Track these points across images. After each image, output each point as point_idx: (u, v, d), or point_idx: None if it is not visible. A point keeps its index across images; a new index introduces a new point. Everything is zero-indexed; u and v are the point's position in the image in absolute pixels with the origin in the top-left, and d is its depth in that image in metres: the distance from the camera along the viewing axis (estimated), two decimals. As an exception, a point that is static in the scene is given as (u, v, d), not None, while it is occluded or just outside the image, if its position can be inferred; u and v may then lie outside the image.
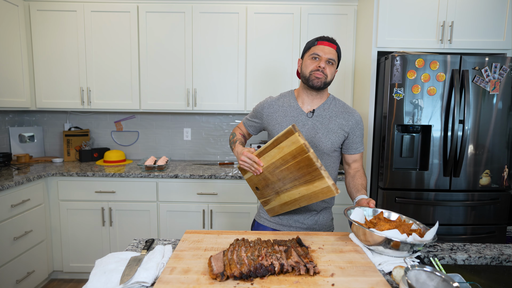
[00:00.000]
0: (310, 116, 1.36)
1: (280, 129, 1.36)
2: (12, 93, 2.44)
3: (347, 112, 1.38)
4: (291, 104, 1.40)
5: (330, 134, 1.34)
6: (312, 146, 1.33)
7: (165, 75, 2.61)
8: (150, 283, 0.83)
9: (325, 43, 1.31)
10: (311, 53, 1.32)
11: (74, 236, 2.43)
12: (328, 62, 1.30)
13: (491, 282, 0.88)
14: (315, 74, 1.29)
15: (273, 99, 1.44)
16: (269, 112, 1.41)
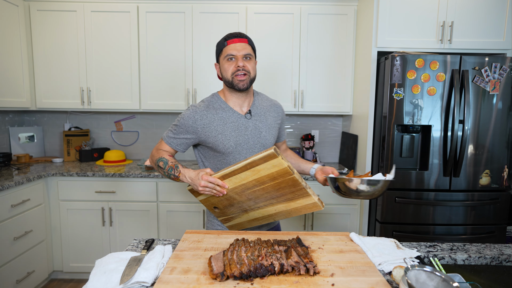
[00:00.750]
0: (249, 117, 1.32)
1: (223, 139, 1.27)
2: (12, 93, 2.45)
3: (273, 104, 1.44)
4: (224, 109, 1.31)
5: (271, 130, 1.37)
6: (260, 145, 1.32)
7: (165, 75, 2.61)
8: (150, 283, 0.83)
9: (235, 40, 1.25)
10: (224, 55, 1.26)
11: (74, 236, 2.43)
12: (245, 58, 1.25)
13: (491, 282, 0.88)
14: (238, 78, 1.24)
15: (202, 109, 1.30)
16: (204, 124, 1.28)
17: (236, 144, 1.28)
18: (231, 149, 1.28)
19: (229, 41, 1.25)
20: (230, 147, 1.28)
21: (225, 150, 1.28)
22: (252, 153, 1.30)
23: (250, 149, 1.31)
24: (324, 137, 3.00)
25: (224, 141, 1.27)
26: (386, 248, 1.03)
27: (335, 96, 2.63)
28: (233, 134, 1.28)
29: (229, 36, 1.26)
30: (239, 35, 1.27)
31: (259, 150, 1.33)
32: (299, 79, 2.60)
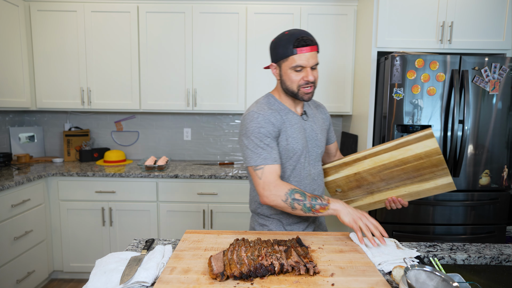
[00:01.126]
0: (305, 119, 1.27)
1: (293, 142, 1.19)
2: (12, 93, 2.45)
3: (318, 105, 1.40)
4: (284, 111, 1.23)
5: (323, 132, 1.33)
6: (317, 148, 1.29)
7: (165, 75, 2.62)
8: (150, 283, 0.83)
9: (306, 49, 1.11)
10: (292, 64, 1.13)
11: (74, 236, 2.43)
12: (311, 68, 1.15)
13: (491, 282, 0.88)
14: (305, 90, 1.16)
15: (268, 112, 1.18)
16: (279, 126, 1.18)
17: (303, 147, 1.22)
18: (298, 153, 1.21)
19: (299, 49, 1.11)
20: (299, 150, 1.21)
21: (293, 154, 1.20)
22: (312, 157, 1.26)
23: (309, 153, 1.25)
24: (324, 137, 3.00)
25: (294, 145, 1.19)
26: (386, 248, 1.03)
27: (335, 96, 2.63)
28: (299, 136, 1.21)
29: (299, 43, 1.11)
30: (310, 41, 1.12)
31: (317, 153, 1.28)
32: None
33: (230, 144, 3.01)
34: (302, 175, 1.25)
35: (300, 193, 1.10)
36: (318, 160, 1.30)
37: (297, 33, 1.13)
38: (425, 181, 1.23)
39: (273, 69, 1.22)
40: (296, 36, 1.12)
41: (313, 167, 1.28)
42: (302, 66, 1.12)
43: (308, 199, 1.09)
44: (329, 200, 1.10)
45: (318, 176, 1.31)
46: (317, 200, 1.09)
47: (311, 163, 1.27)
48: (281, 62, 1.16)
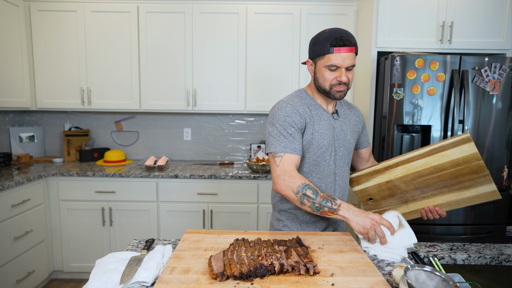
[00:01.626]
0: (336, 117, 1.25)
1: (319, 137, 1.18)
2: (12, 93, 2.45)
3: (353, 107, 1.37)
4: (315, 106, 1.23)
5: (353, 133, 1.30)
6: (344, 148, 1.26)
7: (165, 75, 2.62)
8: (150, 283, 0.83)
9: (343, 50, 1.10)
10: (327, 63, 1.12)
11: (74, 236, 2.43)
12: (347, 69, 1.13)
13: (491, 282, 0.88)
14: (337, 88, 1.15)
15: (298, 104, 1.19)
16: (306, 119, 1.18)
17: (329, 143, 1.20)
18: (324, 149, 1.19)
19: (336, 48, 1.10)
20: (323, 146, 1.19)
21: (318, 150, 1.19)
22: (337, 156, 1.24)
23: (336, 151, 1.23)
24: (324, 137, 3.00)
25: (319, 140, 1.18)
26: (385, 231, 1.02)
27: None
28: (327, 133, 1.20)
29: (337, 42, 1.10)
30: (348, 42, 1.10)
31: (343, 153, 1.25)
32: (299, 79, 2.60)
33: (230, 144, 3.01)
34: (324, 173, 1.23)
35: (313, 190, 1.07)
36: (344, 161, 1.27)
37: (337, 32, 1.12)
38: (464, 189, 1.14)
39: (308, 65, 1.22)
40: (336, 35, 1.11)
41: (338, 167, 1.25)
42: (337, 66, 1.11)
43: (319, 198, 1.06)
44: (340, 205, 1.05)
45: (341, 177, 1.27)
46: (327, 202, 1.06)
47: (337, 162, 1.25)
48: (317, 59, 1.16)
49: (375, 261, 0.99)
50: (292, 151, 1.14)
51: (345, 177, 1.30)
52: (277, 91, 2.61)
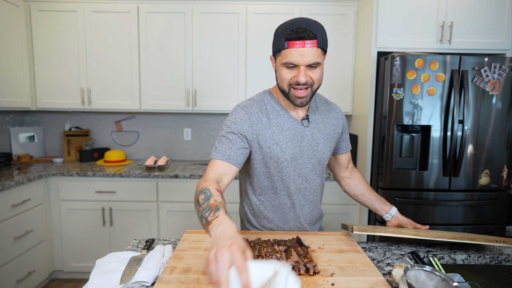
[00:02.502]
0: (306, 124, 1.09)
1: (278, 150, 1.04)
2: (13, 93, 2.45)
3: (332, 109, 1.18)
4: (279, 112, 1.07)
5: (328, 141, 1.14)
6: (316, 160, 1.12)
7: (165, 75, 2.62)
8: (150, 283, 0.83)
9: (298, 43, 0.91)
10: (283, 60, 0.95)
11: (75, 236, 2.43)
12: (310, 67, 0.96)
13: (491, 282, 0.88)
14: (296, 93, 0.98)
15: (256, 110, 1.05)
16: (259, 129, 1.04)
17: (292, 157, 1.07)
18: (285, 164, 1.07)
19: (290, 42, 0.92)
20: (285, 160, 1.07)
21: (278, 165, 1.07)
22: (307, 169, 1.12)
23: (304, 164, 1.11)
24: (324, 137, 3.00)
25: (279, 153, 1.05)
26: None
27: (335, 96, 2.63)
28: (289, 144, 1.07)
29: (291, 35, 0.91)
30: (306, 34, 0.91)
31: (314, 165, 1.13)
32: (299, 79, 2.60)
33: (230, 144, 3.01)
34: (290, 188, 1.12)
35: (206, 195, 0.85)
36: (315, 173, 1.15)
37: (296, 23, 0.93)
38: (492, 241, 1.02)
39: (272, 63, 1.05)
40: (292, 27, 0.92)
41: (306, 180, 1.14)
42: (293, 63, 0.94)
43: (204, 206, 0.82)
44: (216, 218, 0.76)
45: (311, 191, 1.17)
46: (207, 212, 0.80)
47: (304, 175, 1.13)
48: (276, 56, 1.00)
49: (375, 261, 0.99)
50: (223, 157, 0.99)
51: (316, 191, 1.19)
52: (277, 91, 2.61)
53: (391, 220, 1.23)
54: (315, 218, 1.24)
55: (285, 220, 1.18)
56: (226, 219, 0.75)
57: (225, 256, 0.59)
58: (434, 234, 1.01)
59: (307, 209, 1.19)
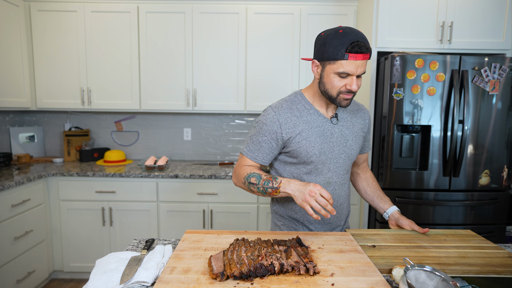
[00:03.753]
0: (335, 122, 1.17)
1: (307, 145, 1.13)
2: (13, 93, 2.45)
3: (360, 109, 1.26)
4: (309, 111, 1.16)
5: (357, 138, 1.21)
6: (345, 155, 1.19)
7: (165, 75, 2.62)
8: (150, 283, 0.83)
9: (359, 57, 1.00)
10: (338, 69, 1.02)
11: (75, 236, 2.43)
12: (358, 76, 1.05)
13: (490, 281, 0.88)
14: (344, 96, 1.07)
15: (286, 110, 1.15)
16: (289, 128, 1.13)
17: (321, 152, 1.14)
18: (314, 158, 1.14)
19: (352, 55, 0.99)
20: (314, 155, 1.14)
21: (307, 159, 1.15)
22: (337, 164, 1.19)
23: (334, 159, 1.18)
24: (324, 137, 3.00)
25: (308, 148, 1.13)
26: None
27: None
28: (318, 140, 1.14)
29: (353, 48, 0.99)
30: (365, 49, 1.00)
31: (344, 160, 1.20)
32: (299, 79, 2.60)
33: (230, 144, 3.01)
34: (318, 181, 1.19)
35: (257, 176, 1.09)
36: (344, 168, 1.22)
37: (353, 35, 1.00)
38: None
39: (313, 66, 1.11)
40: (352, 39, 0.99)
41: (336, 174, 1.20)
42: (349, 73, 1.03)
43: (261, 181, 1.08)
44: (280, 182, 1.06)
45: (340, 185, 1.23)
46: (269, 183, 1.06)
47: (334, 169, 1.19)
48: (326, 63, 1.05)
49: (375, 261, 0.99)
50: (252, 158, 1.17)
51: (345, 185, 1.25)
52: (277, 91, 2.61)
53: (389, 220, 1.29)
54: (343, 212, 1.29)
55: (306, 217, 1.24)
56: (290, 179, 1.06)
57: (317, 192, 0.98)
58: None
59: (335, 202, 1.24)
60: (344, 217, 1.30)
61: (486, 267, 0.94)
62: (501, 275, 0.92)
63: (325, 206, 0.97)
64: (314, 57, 1.10)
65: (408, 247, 1.07)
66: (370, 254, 1.00)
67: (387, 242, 1.11)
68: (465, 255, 1.02)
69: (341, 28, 1.02)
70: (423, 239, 1.14)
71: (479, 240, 1.13)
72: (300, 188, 1.02)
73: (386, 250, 1.04)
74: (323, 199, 0.98)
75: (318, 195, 0.98)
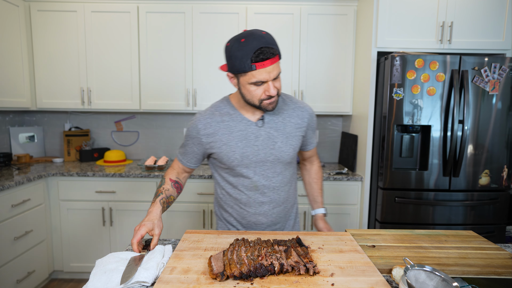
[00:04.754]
0: (260, 125, 1.15)
1: (228, 150, 1.13)
2: (13, 93, 2.45)
3: (298, 108, 1.22)
4: (232, 115, 1.16)
5: (289, 139, 1.18)
6: (274, 157, 1.17)
7: (165, 75, 2.62)
8: (150, 283, 0.83)
9: (267, 63, 0.99)
10: (251, 80, 1.01)
11: (75, 236, 2.43)
12: (274, 79, 1.04)
13: (491, 282, 0.88)
14: (268, 102, 1.07)
15: (206, 116, 1.16)
16: (208, 134, 1.14)
17: (242, 156, 1.14)
18: (236, 162, 1.15)
19: (259, 64, 0.98)
20: (235, 159, 1.14)
21: (229, 163, 1.15)
22: (263, 167, 1.18)
23: (260, 162, 1.16)
24: (324, 137, 3.00)
25: (229, 153, 1.13)
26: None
27: (335, 96, 2.63)
28: (240, 144, 1.14)
29: (258, 57, 0.97)
30: (270, 53, 0.98)
31: (273, 164, 1.18)
32: (299, 79, 2.60)
33: (230, 144, 3.01)
34: (245, 185, 1.19)
35: (161, 183, 1.20)
36: (275, 171, 1.19)
37: (255, 42, 0.97)
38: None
39: (229, 78, 1.11)
40: (254, 48, 0.97)
41: (264, 177, 1.18)
42: (263, 81, 1.02)
43: (156, 191, 1.17)
44: (152, 203, 1.12)
45: (273, 189, 1.21)
46: (154, 197, 1.14)
47: (261, 173, 1.18)
48: (238, 75, 1.05)
49: (375, 261, 0.99)
50: (180, 160, 1.25)
51: (280, 189, 1.22)
52: (277, 91, 2.61)
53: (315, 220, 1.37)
54: (280, 216, 1.26)
55: (242, 215, 1.24)
56: (157, 205, 1.10)
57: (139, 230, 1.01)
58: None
59: (268, 206, 1.22)
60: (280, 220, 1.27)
61: (486, 268, 0.94)
62: (501, 276, 0.92)
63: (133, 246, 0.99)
64: (228, 69, 1.08)
65: (408, 248, 1.06)
66: (370, 254, 1.00)
67: (387, 242, 1.11)
68: (466, 255, 1.02)
69: (243, 35, 1.01)
70: (423, 239, 1.14)
71: (480, 241, 1.13)
72: (145, 218, 1.07)
73: (386, 250, 1.04)
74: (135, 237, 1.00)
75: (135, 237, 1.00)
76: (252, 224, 1.24)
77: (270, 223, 1.25)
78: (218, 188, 1.29)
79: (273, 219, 1.25)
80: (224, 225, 1.32)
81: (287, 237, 1.12)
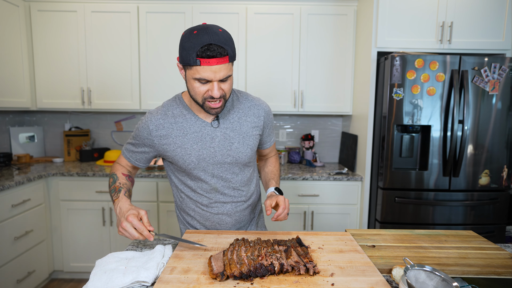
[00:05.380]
0: (216, 125, 1.10)
1: (183, 153, 1.08)
2: (13, 93, 2.45)
3: (254, 105, 1.17)
4: (185, 116, 1.10)
5: (246, 139, 1.14)
6: (231, 159, 1.13)
7: (165, 75, 2.62)
8: (150, 283, 0.83)
9: (212, 62, 0.92)
10: (195, 75, 0.95)
11: (75, 236, 2.43)
12: (221, 81, 0.98)
13: (491, 282, 0.88)
14: (211, 105, 1.00)
15: (158, 116, 1.09)
16: (160, 136, 1.09)
17: (199, 159, 1.10)
18: (192, 165, 1.10)
19: (203, 60, 0.92)
20: (192, 163, 1.10)
21: (185, 167, 1.11)
22: (221, 169, 1.14)
23: (218, 165, 1.13)
24: (324, 137, 3.01)
25: (184, 156, 1.09)
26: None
27: (335, 96, 2.63)
28: (195, 147, 1.09)
29: (203, 53, 0.91)
30: (218, 53, 0.92)
31: (230, 165, 1.14)
32: (299, 79, 2.60)
33: (230, 144, 3.01)
34: (204, 188, 1.16)
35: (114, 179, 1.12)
36: (233, 171, 1.16)
37: (206, 37, 0.91)
38: None
39: (179, 69, 1.03)
40: (203, 42, 0.91)
41: (222, 179, 1.15)
42: (207, 79, 0.96)
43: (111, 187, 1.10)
44: (117, 198, 1.03)
45: (231, 189, 1.18)
46: (113, 193, 1.07)
47: (219, 175, 1.15)
48: (185, 67, 0.99)
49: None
50: (126, 158, 1.19)
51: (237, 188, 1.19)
52: (277, 91, 2.61)
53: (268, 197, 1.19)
54: (244, 214, 1.25)
55: (205, 217, 1.21)
56: (123, 198, 1.02)
57: (128, 226, 0.91)
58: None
59: (229, 206, 1.20)
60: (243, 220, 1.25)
61: (486, 268, 0.94)
62: (501, 276, 0.92)
63: (142, 232, 0.92)
64: (179, 59, 1.00)
65: (408, 247, 1.07)
66: (370, 254, 1.00)
67: (387, 242, 1.11)
68: (466, 255, 1.02)
69: (198, 28, 0.94)
70: (423, 239, 1.14)
71: (480, 241, 1.13)
72: (119, 214, 0.98)
73: (386, 250, 1.04)
74: (135, 232, 0.91)
75: (130, 228, 0.91)
76: (216, 224, 1.21)
77: (234, 222, 1.23)
78: (177, 191, 1.24)
79: (237, 217, 1.23)
80: (186, 228, 1.27)
81: (287, 237, 1.12)
